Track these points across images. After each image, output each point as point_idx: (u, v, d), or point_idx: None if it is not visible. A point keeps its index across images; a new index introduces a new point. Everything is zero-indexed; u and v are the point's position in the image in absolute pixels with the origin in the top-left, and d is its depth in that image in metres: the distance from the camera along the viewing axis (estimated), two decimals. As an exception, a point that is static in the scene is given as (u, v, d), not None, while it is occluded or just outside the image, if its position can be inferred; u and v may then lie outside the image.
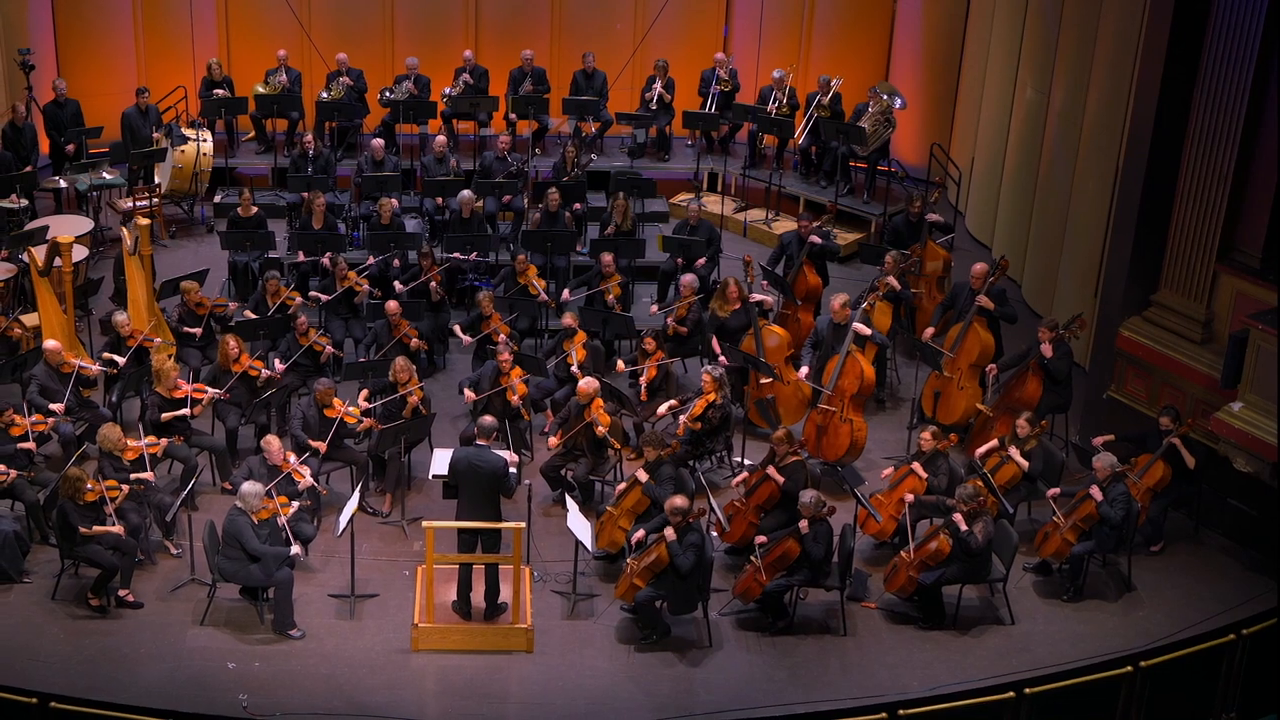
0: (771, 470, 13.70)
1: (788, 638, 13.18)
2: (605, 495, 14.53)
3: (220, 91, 20.44)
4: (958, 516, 13.06)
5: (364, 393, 15.08)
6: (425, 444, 14.99)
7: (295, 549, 12.97)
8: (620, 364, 15.97)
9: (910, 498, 13.67)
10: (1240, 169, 14.03)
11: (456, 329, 16.43)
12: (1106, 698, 11.78)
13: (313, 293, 16.88)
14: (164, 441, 14.20)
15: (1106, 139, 16.43)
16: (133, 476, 13.57)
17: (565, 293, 17.23)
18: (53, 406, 14.49)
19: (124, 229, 16.92)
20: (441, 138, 19.66)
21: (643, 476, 13.56)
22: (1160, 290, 14.89)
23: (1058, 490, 13.98)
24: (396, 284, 16.97)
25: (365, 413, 14.70)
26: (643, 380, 15.46)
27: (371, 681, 12.51)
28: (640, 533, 13.12)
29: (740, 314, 16.08)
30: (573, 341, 15.69)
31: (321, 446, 14.25)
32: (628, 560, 13.08)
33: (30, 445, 13.98)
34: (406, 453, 14.61)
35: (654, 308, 17.32)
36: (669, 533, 12.70)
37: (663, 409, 15.17)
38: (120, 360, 15.28)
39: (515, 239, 18.37)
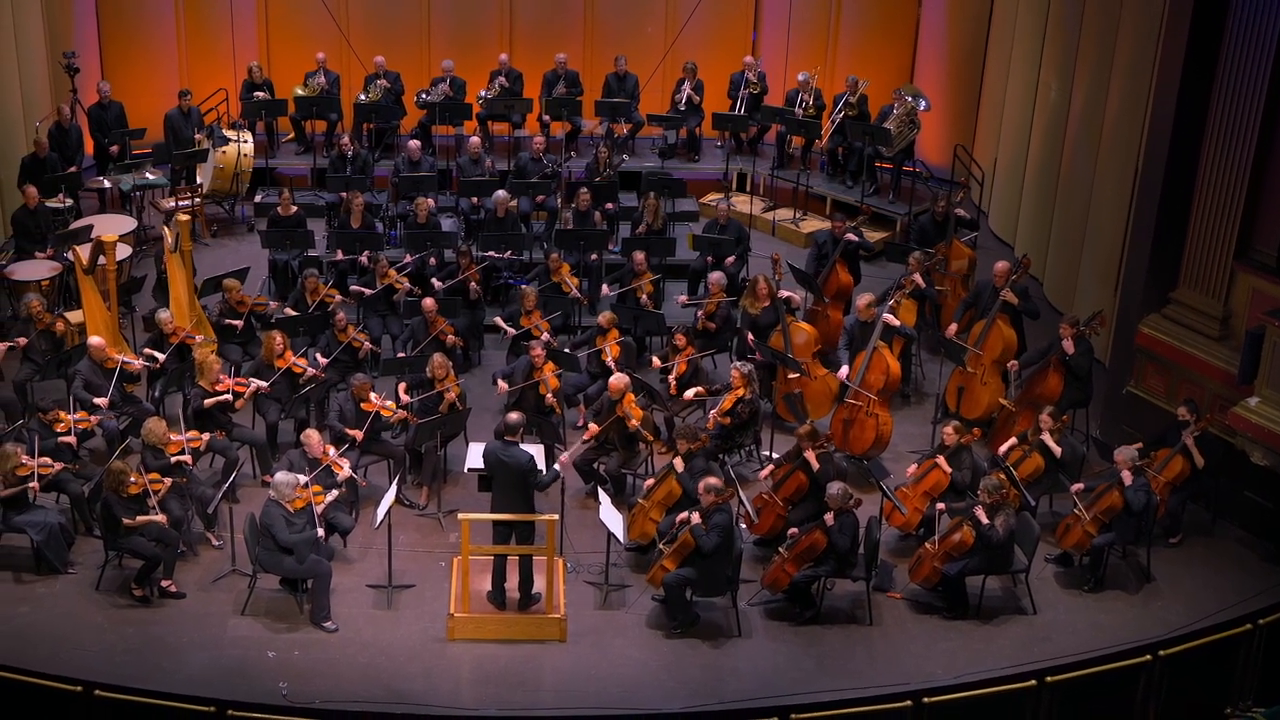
0: (809, 454, 13.83)
1: (815, 627, 13.31)
2: (637, 488, 14.64)
3: (260, 94, 20.63)
4: (979, 510, 13.24)
5: (402, 385, 15.31)
6: (461, 438, 15.13)
7: (319, 531, 13.11)
8: (655, 360, 16.20)
9: (942, 506, 13.75)
10: (1257, 169, 14.13)
11: (499, 320, 16.64)
12: (1126, 686, 11.95)
13: (355, 287, 17.06)
14: (206, 436, 14.36)
15: (1126, 139, 16.54)
16: (172, 461, 13.79)
17: (605, 287, 17.50)
18: (97, 401, 14.71)
19: (165, 227, 17.12)
20: (476, 139, 19.83)
21: (679, 465, 13.73)
22: (1179, 288, 15.01)
23: (1081, 485, 14.13)
24: (434, 281, 17.17)
25: (401, 407, 14.88)
26: (672, 376, 15.67)
27: (409, 670, 12.68)
28: (681, 515, 13.20)
29: (770, 311, 16.25)
30: (605, 338, 15.91)
31: (358, 435, 14.41)
32: (660, 546, 13.26)
33: (71, 440, 14.17)
34: (442, 447, 14.79)
35: (681, 298, 17.50)
36: (694, 517, 12.88)
37: (690, 394, 15.39)
38: (160, 357, 15.52)
39: (549, 238, 18.59)
